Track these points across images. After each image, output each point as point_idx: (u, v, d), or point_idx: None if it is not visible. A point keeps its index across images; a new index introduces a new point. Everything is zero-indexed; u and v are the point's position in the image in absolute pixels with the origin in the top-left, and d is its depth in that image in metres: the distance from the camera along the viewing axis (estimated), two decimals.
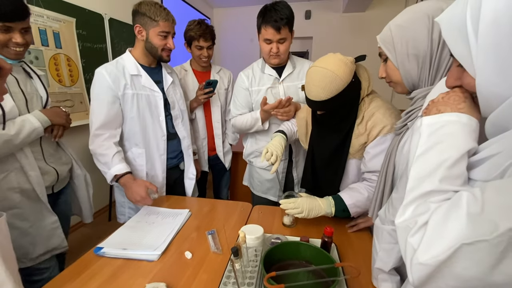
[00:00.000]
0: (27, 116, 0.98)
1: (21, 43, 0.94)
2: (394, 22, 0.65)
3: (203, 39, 1.56)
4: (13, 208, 0.98)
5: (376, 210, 0.75)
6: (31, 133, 0.97)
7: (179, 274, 0.78)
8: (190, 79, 1.70)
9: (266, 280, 0.62)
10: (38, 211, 1.06)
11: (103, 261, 0.83)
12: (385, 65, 0.71)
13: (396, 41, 0.64)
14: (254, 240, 0.81)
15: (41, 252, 1.06)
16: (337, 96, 0.86)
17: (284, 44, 1.23)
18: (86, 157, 2.32)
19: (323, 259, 0.73)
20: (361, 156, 0.94)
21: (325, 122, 0.97)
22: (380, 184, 0.73)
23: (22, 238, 1.02)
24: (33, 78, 1.08)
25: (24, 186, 1.00)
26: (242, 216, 1.11)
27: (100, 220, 2.46)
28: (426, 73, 0.64)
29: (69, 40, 2.15)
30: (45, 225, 1.07)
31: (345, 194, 0.91)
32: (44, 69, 1.96)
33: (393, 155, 0.69)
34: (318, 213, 0.90)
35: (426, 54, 0.62)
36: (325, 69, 0.85)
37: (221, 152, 1.81)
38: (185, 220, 1.07)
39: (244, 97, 1.39)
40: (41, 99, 1.10)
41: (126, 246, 0.87)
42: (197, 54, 1.62)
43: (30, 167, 1.01)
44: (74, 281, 0.75)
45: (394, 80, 0.71)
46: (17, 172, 0.98)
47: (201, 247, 0.90)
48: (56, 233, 1.11)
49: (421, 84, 0.66)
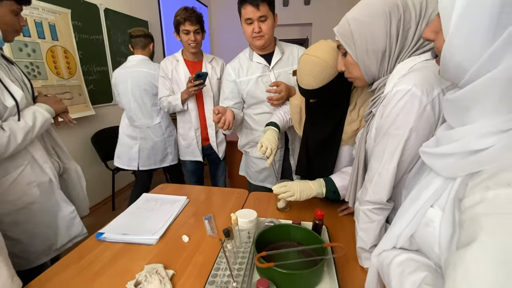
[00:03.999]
0: (36, 108, 0.98)
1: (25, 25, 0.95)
2: (352, 16, 0.65)
3: (189, 23, 1.54)
4: (33, 203, 1.00)
5: (352, 194, 0.78)
6: (43, 124, 0.98)
7: (177, 256, 0.82)
8: (181, 69, 1.70)
9: (257, 259, 0.66)
10: (56, 203, 1.08)
11: (104, 246, 0.87)
12: (344, 59, 0.72)
13: (355, 37, 0.64)
14: (248, 224, 0.85)
15: (65, 241, 1.11)
16: (328, 84, 0.86)
17: (265, 23, 1.20)
18: (86, 149, 2.38)
19: (313, 240, 0.77)
20: (353, 143, 0.95)
21: (317, 110, 0.99)
22: (355, 169, 0.76)
23: (47, 231, 1.06)
24: (13, 65, 1.05)
25: (41, 179, 1.01)
26: (238, 202, 1.15)
27: (104, 210, 2.53)
28: (385, 66, 0.65)
29: (65, 32, 2.15)
30: (64, 215, 1.10)
31: (336, 176, 0.94)
32: (42, 61, 1.97)
33: (363, 141, 0.72)
34: (310, 194, 0.93)
35: (385, 49, 0.63)
36: (316, 57, 0.85)
37: (214, 142, 1.83)
38: (183, 206, 1.10)
39: (231, 89, 1.39)
40: (27, 87, 1.06)
41: (126, 231, 0.91)
42: (185, 40, 1.60)
43: (43, 159, 1.02)
44: (76, 264, 0.80)
45: (354, 76, 0.72)
46: (32, 165, 0.99)
47: (198, 231, 0.94)
48: (75, 222, 1.15)
49: (380, 76, 0.68)
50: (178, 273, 0.74)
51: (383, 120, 0.64)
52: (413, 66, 0.62)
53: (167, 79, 1.73)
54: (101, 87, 2.57)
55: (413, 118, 0.58)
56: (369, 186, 0.67)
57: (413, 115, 0.58)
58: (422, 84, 0.57)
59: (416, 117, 0.58)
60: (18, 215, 0.97)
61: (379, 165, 0.65)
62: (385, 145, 0.63)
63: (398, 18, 0.61)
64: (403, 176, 0.65)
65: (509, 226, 0.27)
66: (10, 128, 0.87)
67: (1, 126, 0.86)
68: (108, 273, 0.76)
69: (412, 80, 0.58)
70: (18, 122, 0.90)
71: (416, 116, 0.58)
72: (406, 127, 0.59)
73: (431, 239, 0.42)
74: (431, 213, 0.42)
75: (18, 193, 0.96)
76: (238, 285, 0.62)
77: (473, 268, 0.28)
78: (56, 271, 0.78)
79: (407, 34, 0.63)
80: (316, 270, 0.65)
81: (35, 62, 1.93)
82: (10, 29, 0.91)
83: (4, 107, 0.88)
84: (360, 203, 0.71)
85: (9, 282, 0.67)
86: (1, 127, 0.86)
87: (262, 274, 0.70)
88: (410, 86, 0.57)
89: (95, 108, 2.42)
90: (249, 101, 1.38)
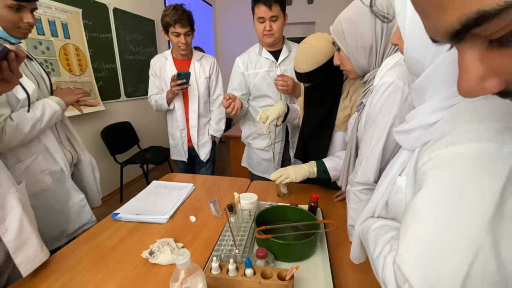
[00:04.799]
0: (46, 100, 1.03)
1: (33, 24, 0.95)
2: (344, 16, 0.74)
3: (180, 25, 1.48)
4: (46, 190, 1.06)
5: (345, 178, 0.86)
6: (52, 116, 1.02)
7: (185, 232, 0.91)
8: (168, 67, 1.68)
9: (257, 232, 0.75)
10: (66, 191, 1.14)
11: (119, 224, 0.97)
12: (338, 54, 0.81)
13: (346, 34, 0.74)
14: (249, 205, 0.94)
15: (75, 228, 1.17)
16: (319, 69, 0.97)
17: (276, 23, 1.31)
18: (96, 143, 2.49)
19: (308, 219, 0.85)
20: (345, 128, 1.04)
21: (312, 96, 1.08)
22: (347, 155, 0.85)
23: (59, 218, 1.11)
24: (33, 60, 1.09)
25: (52, 167, 1.07)
26: (241, 189, 1.24)
27: (113, 202, 2.65)
28: (374, 60, 0.74)
29: (76, 31, 2.26)
30: (74, 203, 1.17)
31: (327, 159, 1.03)
32: (55, 59, 2.08)
33: (355, 129, 0.80)
34: (304, 175, 1.02)
35: (372, 45, 0.72)
36: (309, 44, 0.96)
37: (195, 144, 1.80)
38: (190, 192, 1.20)
39: (239, 81, 1.49)
40: (45, 82, 1.10)
41: (139, 212, 1.00)
42: (174, 42, 1.56)
43: (55, 149, 1.07)
44: (94, 240, 0.89)
45: (347, 69, 0.81)
46: (44, 154, 1.04)
47: (204, 212, 1.03)
48: (85, 210, 1.20)
49: (370, 69, 0.77)
50: (187, 246, 0.84)
51: (371, 108, 0.72)
52: (398, 61, 0.70)
53: (156, 77, 1.72)
54: (110, 83, 2.68)
55: (396, 106, 0.66)
56: (358, 169, 0.75)
57: (396, 103, 0.66)
58: (404, 77, 0.65)
59: (399, 106, 0.66)
60: (34, 200, 1.00)
61: (367, 149, 0.73)
62: (373, 131, 0.71)
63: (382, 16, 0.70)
64: (388, 159, 0.74)
65: (444, 175, 0.35)
66: (18, 118, 0.92)
67: (10, 117, 0.91)
68: (124, 245, 0.85)
69: (395, 73, 0.66)
70: (27, 113, 0.94)
71: (399, 104, 0.66)
72: (390, 115, 0.67)
73: (400, 204, 0.50)
74: (399, 180, 0.50)
75: (32, 179, 1.01)
76: (240, 252, 0.71)
77: (419, 209, 0.36)
78: (75, 245, 0.87)
79: (391, 32, 0.71)
80: (309, 242, 0.74)
81: (49, 59, 2.04)
82: (9, 25, 0.90)
83: (16, 100, 0.93)
84: (351, 185, 0.79)
85: (38, 250, 0.76)
86: (10, 117, 0.91)
87: (261, 246, 0.78)
88: (394, 78, 0.66)
89: (104, 104, 2.53)
90: (255, 93, 1.48)
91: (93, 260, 0.79)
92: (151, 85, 1.74)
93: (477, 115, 0.35)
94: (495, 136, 0.32)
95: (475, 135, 0.33)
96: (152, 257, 0.76)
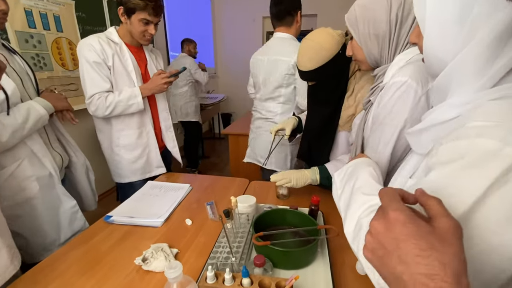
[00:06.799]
0: (31, 104, 0.96)
1: (6, 10, 0.87)
2: (359, 2, 0.71)
3: (153, 13, 1.21)
4: (33, 198, 1.00)
5: None
6: (37, 121, 0.96)
7: (180, 237, 0.89)
8: (128, 56, 1.31)
9: (255, 238, 0.73)
10: (56, 198, 1.08)
11: (112, 227, 0.95)
12: (351, 43, 0.78)
13: (359, 21, 0.70)
14: (247, 208, 0.91)
15: (67, 236, 1.11)
16: (323, 67, 0.93)
17: None
18: (90, 142, 2.46)
19: (308, 223, 0.83)
20: (349, 129, 1.01)
21: (315, 94, 1.05)
22: (352, 155, 0.82)
23: (49, 226, 1.06)
24: (16, 55, 1.02)
25: (40, 173, 1.01)
26: (239, 189, 1.22)
27: (109, 201, 2.63)
28: (386, 51, 0.70)
29: (69, 23, 2.21)
30: (65, 210, 1.11)
31: (330, 164, 1.00)
32: (47, 53, 2.04)
33: (361, 129, 0.77)
34: (306, 181, 0.99)
35: (385, 34, 0.68)
36: (312, 41, 0.93)
37: (175, 147, 1.56)
38: (186, 193, 1.17)
39: None
40: (31, 79, 1.04)
41: (132, 215, 0.98)
42: (139, 30, 1.25)
43: (42, 152, 1.01)
44: (86, 243, 0.87)
45: (358, 59, 0.77)
46: (30, 159, 0.97)
47: (200, 215, 1.01)
48: (77, 216, 1.15)
49: (382, 61, 0.73)
50: (182, 252, 0.82)
51: (379, 109, 0.69)
52: (411, 58, 0.67)
53: (104, 66, 1.25)
54: None
55: (408, 108, 0.63)
56: None
57: (408, 105, 0.63)
58: (418, 76, 0.62)
59: (411, 107, 0.63)
60: (19, 210, 0.97)
61: (374, 153, 0.70)
62: (381, 134, 0.68)
63: (399, 4, 0.66)
64: (396, 164, 0.71)
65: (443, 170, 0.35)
66: None
67: None
68: (116, 250, 0.83)
69: (408, 72, 0.63)
70: (6, 117, 0.85)
71: (411, 106, 0.63)
72: (401, 117, 0.64)
73: None
74: (409, 183, 0.47)
75: (16, 188, 0.95)
76: (236, 260, 0.69)
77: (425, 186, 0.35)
78: (67, 249, 0.85)
79: (406, 21, 0.67)
80: (309, 249, 0.72)
81: (40, 54, 2.00)
82: None
83: None
84: None
85: (8, 262, 0.73)
86: None
87: (260, 253, 0.76)
88: (406, 78, 0.62)
89: None
90: None
91: (84, 267, 0.77)
92: (97, 77, 1.24)
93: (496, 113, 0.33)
94: (502, 134, 0.30)
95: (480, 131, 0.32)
96: (145, 263, 0.74)
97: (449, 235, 0.26)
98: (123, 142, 1.38)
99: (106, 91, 1.27)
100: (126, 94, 1.27)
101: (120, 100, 1.26)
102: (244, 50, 4.86)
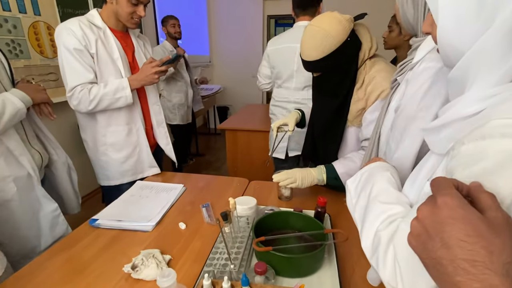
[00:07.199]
0: (6, 96, 0.93)
1: None
2: None
3: None
4: (10, 200, 0.98)
5: None
6: (14, 115, 0.94)
7: (173, 242, 0.89)
8: (112, 42, 1.28)
9: (255, 243, 0.73)
10: (36, 200, 1.07)
11: (98, 232, 0.95)
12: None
13: None
14: (247, 210, 0.91)
15: (49, 243, 1.09)
16: (330, 56, 0.92)
17: None
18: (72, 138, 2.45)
19: (314, 227, 0.83)
20: (359, 124, 1.01)
21: (321, 86, 1.04)
22: (368, 153, 0.81)
23: (28, 232, 1.04)
24: None
25: (17, 173, 0.99)
26: (238, 190, 1.22)
27: (94, 203, 2.63)
28: (421, 17, 0.68)
29: (48, 6, 2.19)
30: (46, 214, 1.09)
31: (338, 163, 1.00)
32: (23, 39, 2.02)
33: (381, 118, 0.77)
34: (311, 182, 0.99)
35: None
36: (317, 27, 0.91)
37: (168, 144, 1.53)
38: (180, 194, 1.18)
39: None
40: (5, 67, 1.01)
41: (120, 218, 0.98)
42: (127, 11, 1.22)
43: (20, 150, 1.00)
44: (69, 249, 0.87)
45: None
46: (6, 157, 0.96)
47: (195, 219, 1.01)
48: (59, 221, 1.13)
49: (417, 28, 0.70)
50: (175, 258, 0.82)
51: (407, 99, 0.67)
52: None
53: (87, 54, 1.21)
54: None
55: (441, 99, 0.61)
56: None
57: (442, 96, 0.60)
58: None
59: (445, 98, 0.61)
60: None
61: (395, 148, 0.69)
62: (408, 128, 0.66)
63: None
64: None
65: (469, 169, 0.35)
66: None
67: None
68: (103, 257, 0.83)
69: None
70: None
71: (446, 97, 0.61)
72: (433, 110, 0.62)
73: None
74: (427, 186, 0.47)
75: None
76: (235, 267, 0.69)
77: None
78: (48, 256, 0.85)
79: None
80: (315, 255, 0.72)
81: (16, 40, 1.98)
82: None
83: None
84: None
85: None
86: None
87: (261, 259, 0.77)
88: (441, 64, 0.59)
89: None
90: None
91: (67, 275, 0.77)
92: (79, 67, 1.20)
93: None
94: None
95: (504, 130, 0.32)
96: (135, 271, 0.74)
97: (500, 226, 0.26)
98: (110, 140, 1.34)
99: (90, 82, 1.22)
100: (112, 86, 1.23)
101: (106, 92, 1.22)
102: (244, 36, 4.84)
